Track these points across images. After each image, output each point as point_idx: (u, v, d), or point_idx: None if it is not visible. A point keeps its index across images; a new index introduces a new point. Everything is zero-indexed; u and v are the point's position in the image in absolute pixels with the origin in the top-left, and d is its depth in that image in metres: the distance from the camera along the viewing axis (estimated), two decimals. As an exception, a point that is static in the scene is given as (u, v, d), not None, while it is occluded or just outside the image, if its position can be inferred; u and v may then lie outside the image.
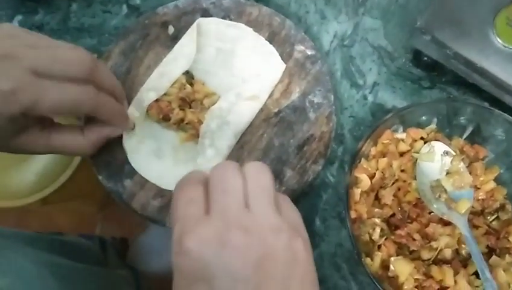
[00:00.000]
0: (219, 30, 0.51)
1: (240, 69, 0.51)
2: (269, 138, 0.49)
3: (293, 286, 0.28)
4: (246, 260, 0.27)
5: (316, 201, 0.51)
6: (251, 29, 0.51)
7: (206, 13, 0.52)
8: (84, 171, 0.89)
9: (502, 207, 0.46)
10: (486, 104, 0.52)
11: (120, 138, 0.47)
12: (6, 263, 0.44)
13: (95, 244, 0.85)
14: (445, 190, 0.45)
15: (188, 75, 0.50)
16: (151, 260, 0.97)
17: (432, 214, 0.45)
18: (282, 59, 0.50)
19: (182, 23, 0.51)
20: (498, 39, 0.46)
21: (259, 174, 0.31)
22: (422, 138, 0.47)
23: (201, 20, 0.50)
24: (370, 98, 0.54)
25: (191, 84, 0.50)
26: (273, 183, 0.32)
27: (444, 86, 0.54)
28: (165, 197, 0.46)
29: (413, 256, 0.44)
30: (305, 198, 0.50)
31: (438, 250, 0.43)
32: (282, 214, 0.31)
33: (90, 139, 0.43)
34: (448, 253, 0.43)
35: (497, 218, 0.46)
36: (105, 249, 0.87)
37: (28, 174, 0.91)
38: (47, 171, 0.91)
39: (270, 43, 0.50)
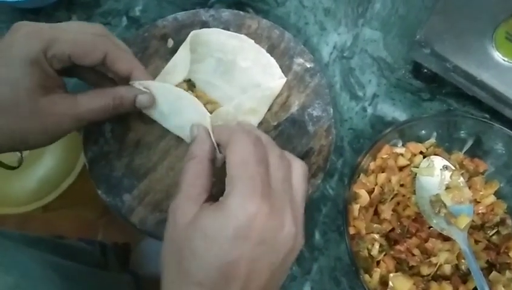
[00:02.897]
0: (220, 41, 0.51)
1: (240, 80, 0.51)
2: (268, 152, 0.48)
3: (289, 262, 0.34)
4: (286, 246, 0.32)
5: (316, 214, 0.50)
6: (252, 40, 0.51)
7: (205, 26, 0.52)
8: (85, 178, 0.90)
9: (502, 221, 0.46)
10: (486, 116, 0.52)
11: (118, 151, 0.48)
12: (11, 261, 0.45)
13: (96, 249, 0.85)
14: (445, 205, 0.45)
15: (190, 83, 0.50)
16: (153, 264, 0.98)
17: (432, 228, 0.45)
18: (281, 72, 0.50)
19: (182, 36, 0.51)
20: (497, 53, 0.46)
21: (304, 180, 0.36)
22: (421, 152, 0.47)
23: (203, 31, 0.50)
24: (370, 110, 0.54)
25: (192, 92, 0.50)
26: None
27: (444, 97, 0.54)
28: (163, 212, 0.46)
29: (412, 272, 0.43)
30: (304, 211, 0.50)
31: (438, 266, 0.43)
32: None
33: (112, 94, 0.43)
34: (447, 269, 0.43)
35: (498, 232, 0.46)
36: (105, 253, 0.88)
37: (29, 182, 0.91)
38: (48, 179, 0.92)
39: (270, 55, 0.50)
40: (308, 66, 0.50)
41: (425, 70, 0.52)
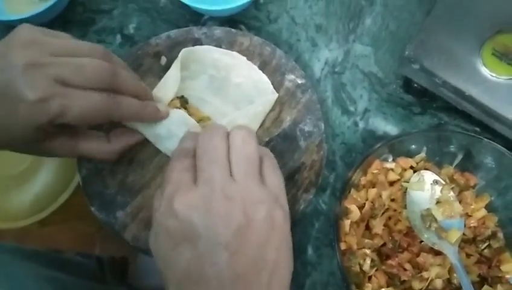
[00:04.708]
0: (213, 58, 0.51)
1: (233, 96, 0.51)
2: (260, 167, 0.49)
3: (269, 252, 0.31)
4: (227, 227, 0.30)
5: (308, 229, 0.51)
6: (244, 57, 0.51)
7: (198, 43, 0.53)
8: (82, 193, 0.90)
9: (494, 235, 0.46)
10: (477, 130, 0.53)
11: (111, 168, 0.48)
12: (3, 275, 0.45)
13: (93, 263, 0.85)
14: (436, 219, 0.45)
15: (183, 100, 0.51)
16: (152, 278, 0.97)
17: (423, 243, 0.45)
18: (273, 88, 0.50)
19: (174, 53, 0.52)
20: (485, 68, 0.46)
21: (244, 144, 0.34)
22: (411, 167, 0.48)
23: (196, 48, 0.51)
24: (361, 124, 0.54)
25: (185, 108, 0.50)
26: (257, 151, 0.34)
27: (435, 111, 0.54)
28: (157, 229, 0.46)
29: (404, 286, 0.44)
30: (297, 226, 0.51)
31: (429, 280, 0.43)
32: (265, 183, 0.34)
33: (116, 146, 0.45)
34: (439, 283, 0.43)
35: (489, 246, 0.46)
36: (102, 267, 0.88)
37: (27, 196, 0.92)
38: (46, 193, 0.92)
39: (262, 72, 0.51)
40: (300, 82, 0.51)
41: (416, 85, 0.52)
